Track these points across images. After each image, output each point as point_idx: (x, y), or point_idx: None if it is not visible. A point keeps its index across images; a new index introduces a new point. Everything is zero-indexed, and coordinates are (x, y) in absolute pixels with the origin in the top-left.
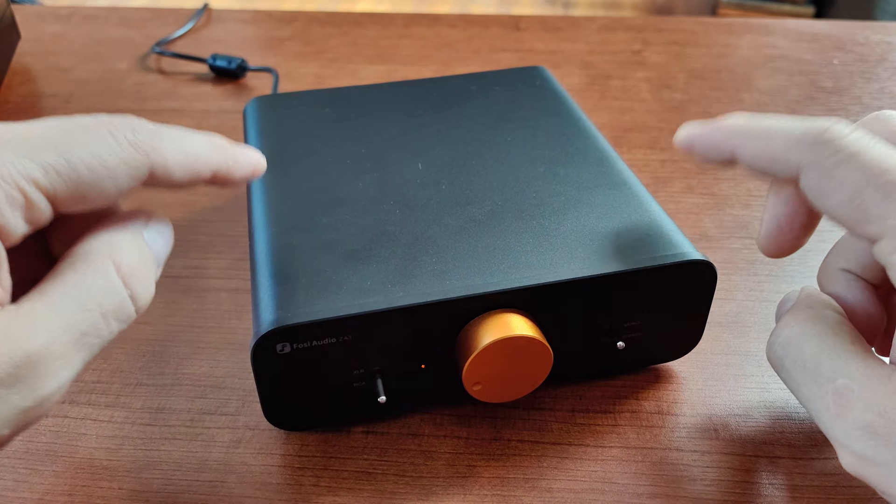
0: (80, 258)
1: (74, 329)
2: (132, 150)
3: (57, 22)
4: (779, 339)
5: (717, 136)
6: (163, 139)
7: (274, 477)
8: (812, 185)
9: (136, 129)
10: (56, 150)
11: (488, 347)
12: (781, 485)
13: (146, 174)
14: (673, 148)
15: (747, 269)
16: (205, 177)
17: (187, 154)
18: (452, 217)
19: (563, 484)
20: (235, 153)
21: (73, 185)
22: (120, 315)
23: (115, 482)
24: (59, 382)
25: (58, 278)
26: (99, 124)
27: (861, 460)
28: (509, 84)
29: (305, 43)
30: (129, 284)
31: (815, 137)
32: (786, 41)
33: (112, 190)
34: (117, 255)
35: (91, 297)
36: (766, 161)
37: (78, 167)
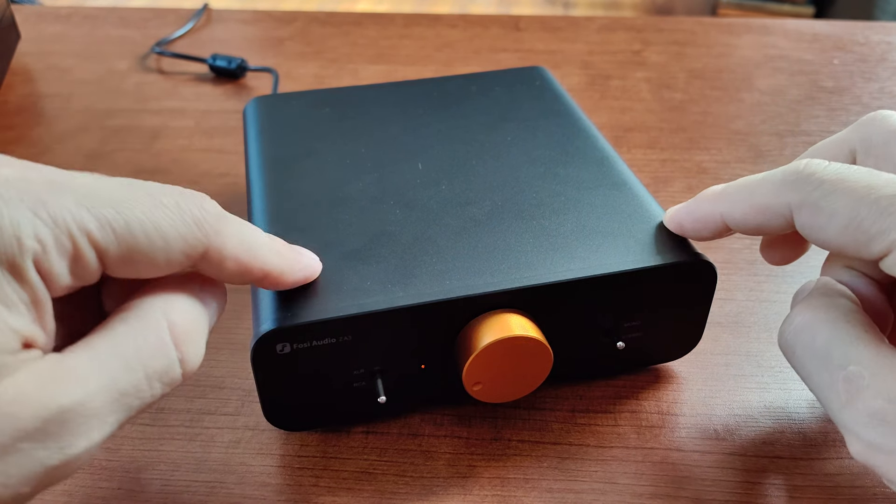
0: (134, 313)
1: (115, 388)
2: (194, 227)
3: (57, 22)
4: (791, 326)
5: (702, 208)
6: (227, 225)
7: (273, 477)
8: (806, 223)
9: (205, 208)
10: (117, 207)
11: (488, 347)
12: (782, 485)
13: (200, 255)
14: (673, 147)
15: (747, 269)
16: (256, 276)
17: (248, 249)
18: (452, 217)
19: (563, 484)
20: (292, 259)
21: (126, 247)
22: (165, 378)
23: (114, 482)
24: (89, 443)
25: (106, 331)
26: (168, 193)
27: (870, 448)
28: (509, 84)
29: (305, 43)
30: (181, 346)
31: (796, 175)
32: (786, 41)
33: (163, 262)
34: (172, 314)
35: (138, 356)
36: (756, 215)
37: (135, 230)
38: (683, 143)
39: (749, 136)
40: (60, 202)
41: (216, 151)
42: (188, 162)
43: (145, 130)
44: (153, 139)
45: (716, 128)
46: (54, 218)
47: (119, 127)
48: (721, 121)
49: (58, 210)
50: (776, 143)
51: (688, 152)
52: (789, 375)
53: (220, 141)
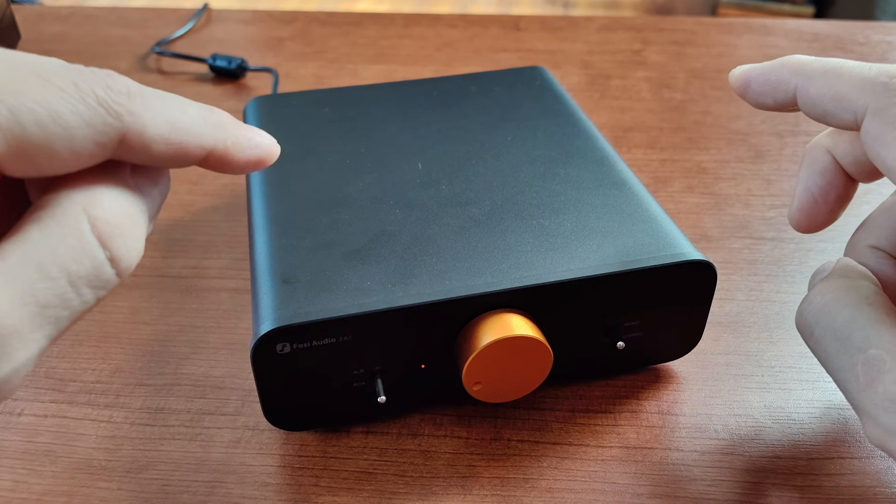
0: (48, 212)
1: (33, 300)
2: (101, 109)
3: (57, 22)
4: (811, 307)
5: (779, 73)
6: (145, 104)
7: (273, 477)
8: (873, 132)
9: (112, 87)
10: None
11: (488, 347)
12: (781, 485)
13: (115, 142)
14: (673, 147)
15: (747, 269)
16: (195, 155)
17: (174, 125)
18: (452, 217)
19: (563, 484)
20: (238, 133)
21: (17, 143)
22: (95, 281)
23: (114, 482)
24: (13, 364)
25: (18, 236)
26: (64, 72)
27: (888, 433)
28: (509, 84)
29: (305, 43)
30: (109, 243)
31: (888, 79)
32: (786, 41)
33: (68, 155)
34: (94, 208)
35: (56, 261)
36: (829, 101)
37: (24, 120)
38: (683, 142)
39: (749, 136)
40: None
41: None
42: None
43: None
44: None
45: (716, 128)
46: None
47: None
48: (721, 121)
49: None
50: (776, 143)
51: (688, 152)
52: (790, 375)
53: None
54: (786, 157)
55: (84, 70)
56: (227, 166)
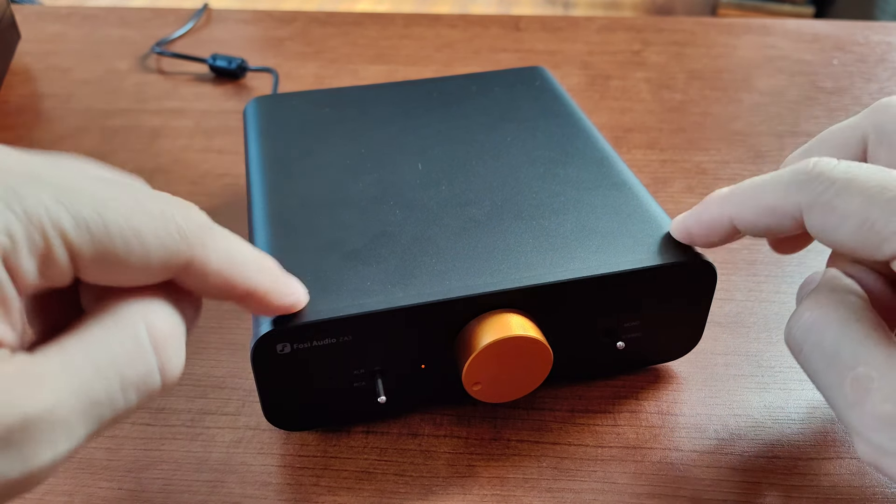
0: (110, 315)
1: (86, 396)
2: (177, 237)
3: (57, 22)
4: (799, 323)
5: (709, 212)
6: (214, 238)
7: (274, 477)
8: (817, 224)
9: (191, 218)
10: (97, 207)
11: (488, 347)
12: (781, 485)
13: (181, 267)
14: (672, 148)
15: (747, 269)
16: (240, 293)
17: (233, 264)
18: (452, 217)
19: (562, 484)
20: (281, 282)
21: (102, 251)
22: (142, 386)
23: (115, 482)
24: (55, 455)
25: (80, 334)
26: (153, 198)
27: (878, 451)
28: (509, 84)
29: (305, 43)
30: (161, 352)
31: (806, 175)
32: (786, 41)
33: (140, 270)
34: (151, 317)
35: (114, 362)
36: (765, 217)
37: (113, 233)
38: (683, 143)
39: (748, 137)
40: (37, 196)
41: (216, 152)
42: (188, 162)
43: (145, 131)
44: (153, 139)
45: (715, 128)
46: (28, 213)
47: (119, 127)
48: (721, 121)
49: (33, 205)
50: (775, 144)
51: (687, 153)
52: (789, 375)
53: (221, 141)
54: (785, 157)
55: (173, 199)
56: (263, 308)
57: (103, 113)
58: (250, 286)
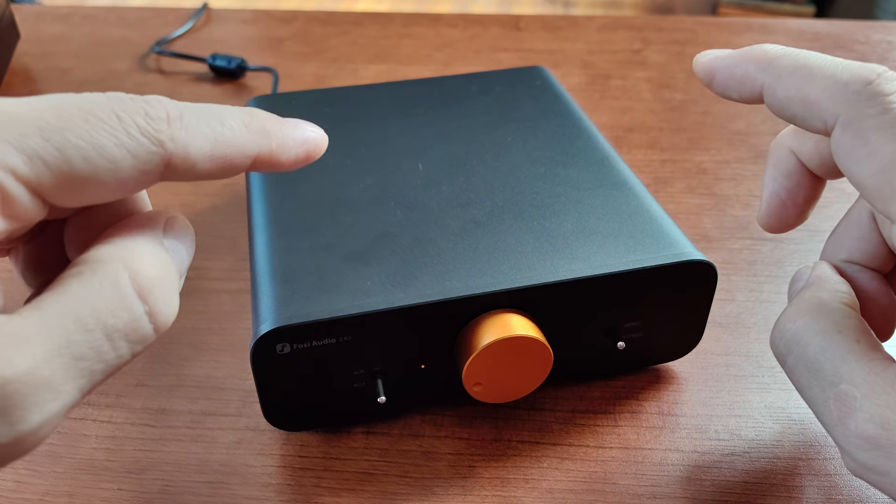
0: (89, 266)
1: (68, 352)
2: (144, 139)
3: (57, 22)
4: (782, 335)
5: (745, 67)
6: (185, 126)
7: (275, 478)
8: (844, 143)
9: (151, 114)
10: (45, 134)
11: (488, 347)
12: (781, 485)
13: (160, 167)
14: (673, 148)
15: (747, 269)
16: (241, 165)
17: (216, 140)
18: (453, 218)
19: (563, 484)
20: (283, 134)
21: (65, 178)
22: (132, 335)
23: (116, 483)
24: (44, 415)
25: (58, 288)
26: (105, 104)
27: (863, 468)
28: (509, 84)
29: (305, 43)
30: (147, 298)
31: (862, 87)
32: (786, 40)
33: (114, 185)
34: (134, 263)
35: (94, 313)
36: (798, 105)
37: (71, 157)
38: (684, 143)
39: (749, 137)
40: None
41: None
42: None
43: None
44: None
45: (716, 128)
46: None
47: None
48: (721, 121)
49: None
50: None
51: (688, 152)
52: None
53: None
54: None
55: (124, 99)
56: (276, 167)
57: None
58: (249, 153)
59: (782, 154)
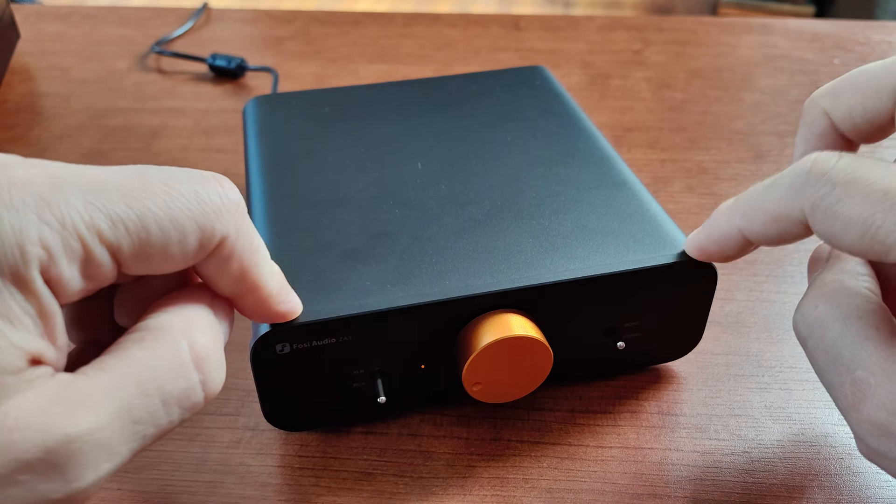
0: (150, 332)
1: (128, 415)
2: (213, 216)
3: (56, 21)
4: (805, 319)
5: (719, 227)
6: (244, 223)
7: (273, 477)
8: (822, 229)
9: (227, 196)
10: (129, 201)
11: (488, 347)
12: (781, 485)
13: (214, 246)
14: (673, 147)
15: (747, 269)
16: (247, 287)
17: (254, 253)
18: (452, 217)
19: (563, 484)
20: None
21: (141, 244)
22: (185, 402)
23: (114, 482)
24: (97, 475)
25: (121, 352)
26: (185, 181)
27: (874, 453)
28: (509, 84)
29: (305, 42)
30: (202, 367)
31: (805, 177)
32: (786, 41)
33: (179, 255)
34: (192, 333)
35: (154, 380)
36: (772, 224)
37: (149, 225)
38: (684, 142)
39: (749, 136)
40: (68, 202)
41: (215, 151)
42: (187, 161)
43: (144, 130)
44: (152, 138)
45: (716, 128)
46: (61, 220)
47: (118, 126)
48: (721, 121)
49: (65, 211)
50: (776, 143)
51: (688, 152)
52: (789, 376)
53: (220, 140)
54: (786, 157)
55: (205, 177)
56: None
57: (103, 112)
58: (260, 283)
59: (815, 114)
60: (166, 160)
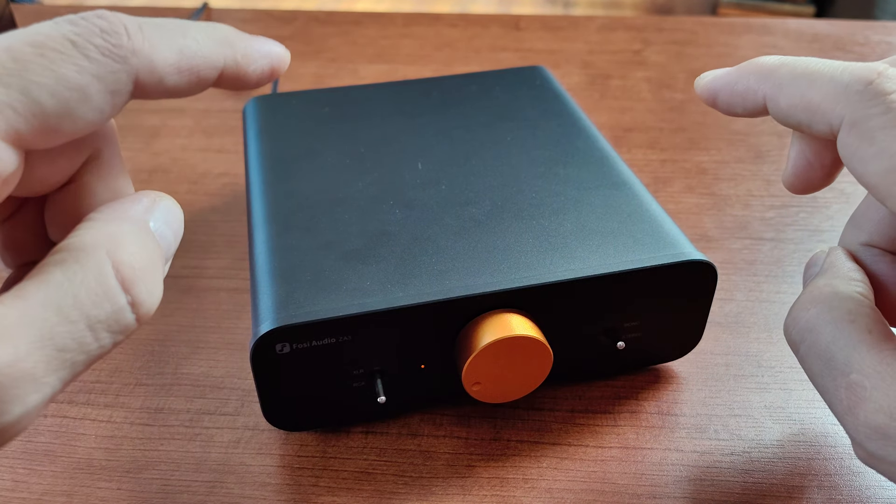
0: (72, 254)
1: (50, 343)
2: (106, 60)
3: None
4: (795, 324)
5: (745, 82)
6: (147, 38)
7: (273, 477)
8: (850, 145)
9: (108, 31)
10: (5, 80)
11: (488, 347)
12: (780, 485)
13: (130, 86)
14: (673, 148)
15: (747, 269)
16: (208, 77)
17: (181, 52)
18: (452, 217)
19: (562, 484)
20: (247, 46)
21: (38, 120)
22: (114, 326)
23: (114, 482)
24: (25, 407)
25: (40, 278)
26: (58, 35)
27: (871, 457)
28: (509, 84)
29: (305, 42)
30: (131, 289)
31: (863, 87)
32: (786, 41)
33: (89, 114)
34: (118, 252)
35: (77, 305)
36: (801, 111)
37: (37, 97)
38: (683, 143)
39: (749, 137)
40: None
41: (215, 151)
42: (187, 161)
43: (144, 129)
44: (152, 138)
45: (716, 128)
46: None
47: (118, 126)
48: (721, 121)
49: None
50: (776, 143)
51: (688, 152)
52: (789, 376)
53: (220, 140)
54: (786, 157)
55: (76, 20)
56: (242, 81)
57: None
58: (216, 64)
59: None
60: (166, 160)
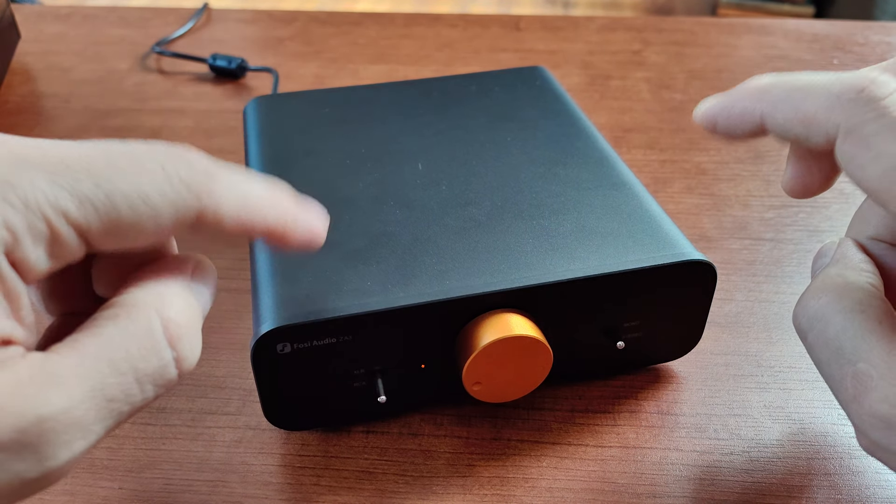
0: (124, 310)
1: (101, 393)
2: (183, 189)
3: (57, 22)
4: (805, 312)
5: (742, 104)
6: (220, 181)
7: (275, 476)
8: (847, 152)
9: (194, 166)
10: (96, 179)
11: (488, 347)
12: (780, 485)
13: (193, 219)
14: (672, 148)
15: (747, 269)
16: (258, 234)
17: (245, 204)
18: (452, 217)
19: (562, 483)
20: (296, 213)
21: (110, 222)
22: (159, 380)
23: (116, 482)
24: (72, 454)
25: (94, 330)
26: (151, 156)
27: (875, 446)
28: (509, 84)
29: (305, 43)
30: (176, 345)
31: (856, 95)
32: (786, 41)
33: (152, 231)
34: (166, 310)
35: (128, 358)
36: (798, 125)
37: (118, 203)
38: (683, 143)
39: None
40: (32, 182)
41: (216, 151)
42: None
43: (145, 130)
44: (153, 138)
45: None
46: (25, 201)
47: (119, 127)
48: None
49: (29, 191)
50: (775, 144)
51: (687, 153)
52: (789, 376)
53: (220, 141)
54: (785, 158)
55: (170, 150)
56: (283, 244)
57: (103, 113)
58: (269, 225)
59: None
60: None
